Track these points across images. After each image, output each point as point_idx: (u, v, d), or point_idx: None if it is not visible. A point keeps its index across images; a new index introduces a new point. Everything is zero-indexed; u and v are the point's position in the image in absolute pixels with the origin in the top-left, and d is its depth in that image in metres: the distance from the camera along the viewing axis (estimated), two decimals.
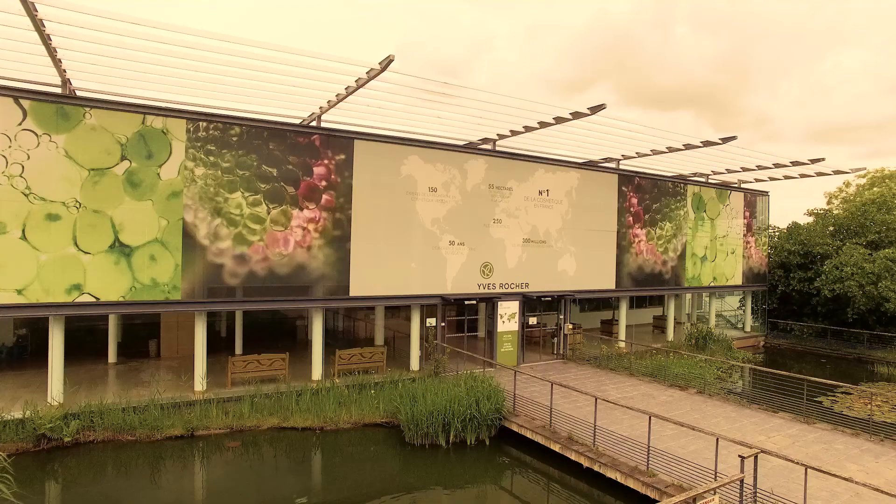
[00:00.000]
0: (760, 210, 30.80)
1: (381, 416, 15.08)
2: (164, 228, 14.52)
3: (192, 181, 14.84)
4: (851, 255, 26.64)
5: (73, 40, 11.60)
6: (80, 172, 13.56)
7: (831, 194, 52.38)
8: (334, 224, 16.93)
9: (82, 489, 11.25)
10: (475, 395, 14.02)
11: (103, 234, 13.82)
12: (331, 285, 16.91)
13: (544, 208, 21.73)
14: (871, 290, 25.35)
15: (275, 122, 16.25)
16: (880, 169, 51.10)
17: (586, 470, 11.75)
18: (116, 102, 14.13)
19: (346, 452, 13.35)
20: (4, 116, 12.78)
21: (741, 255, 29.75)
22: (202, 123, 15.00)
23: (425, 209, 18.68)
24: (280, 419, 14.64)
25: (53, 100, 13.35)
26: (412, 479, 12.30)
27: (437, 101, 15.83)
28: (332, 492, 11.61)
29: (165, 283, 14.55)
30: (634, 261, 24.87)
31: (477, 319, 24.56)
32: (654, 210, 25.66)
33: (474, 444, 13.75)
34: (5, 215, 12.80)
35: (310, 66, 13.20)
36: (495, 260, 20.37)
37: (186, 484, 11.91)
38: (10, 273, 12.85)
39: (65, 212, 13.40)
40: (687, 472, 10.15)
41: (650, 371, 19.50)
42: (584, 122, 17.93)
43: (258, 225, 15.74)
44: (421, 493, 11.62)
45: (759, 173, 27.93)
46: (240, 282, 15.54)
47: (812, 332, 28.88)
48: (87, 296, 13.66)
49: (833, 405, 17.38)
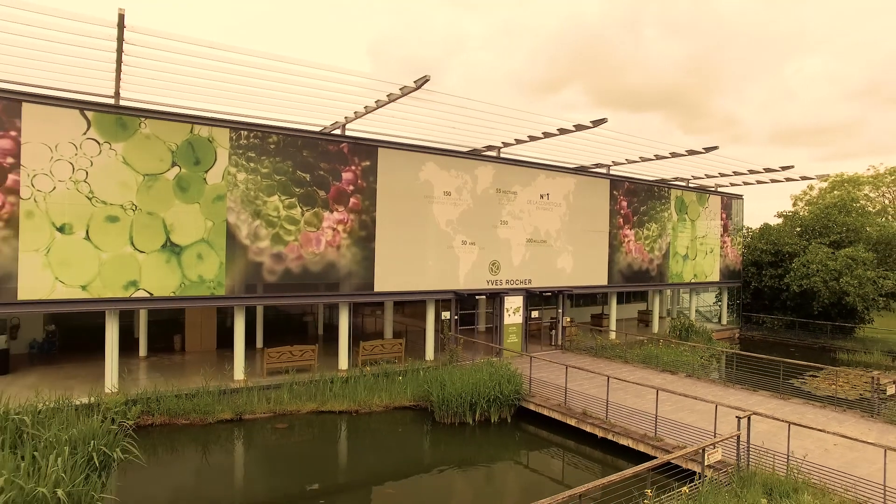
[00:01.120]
0: (735, 212, 33.34)
1: (409, 399, 16.61)
2: (210, 229, 15.75)
3: (235, 185, 16.10)
4: (816, 254, 29.29)
5: (137, 58, 12.77)
6: (136, 177, 14.70)
7: (797, 197, 55.99)
8: (360, 225, 18.37)
9: (173, 463, 12.39)
10: (497, 379, 15.70)
11: (156, 235, 14.98)
12: (357, 282, 18.34)
13: (545, 211, 23.55)
14: (834, 286, 28.01)
15: (308, 131, 17.58)
16: (840, 173, 54.89)
17: (601, 440, 13.54)
18: (168, 113, 15.29)
19: (383, 431, 14.86)
20: (71, 127, 13.85)
21: (718, 253, 32.20)
22: (243, 132, 16.26)
23: (440, 211, 20.26)
24: (318, 404, 16.02)
25: (114, 111, 14.45)
26: (447, 451, 13.89)
27: (453, 112, 17.36)
28: (382, 463, 13.10)
29: (211, 280, 15.78)
30: (624, 259, 26.94)
31: (476, 314, 26.22)
32: (642, 212, 27.78)
33: (497, 421, 15.44)
34: (71, 217, 13.87)
35: (345, 80, 14.54)
36: (502, 258, 22.09)
37: (252, 458, 13.21)
38: (75, 270, 13.93)
39: (123, 214, 14.53)
40: (688, 437, 12.01)
41: (642, 358, 21.50)
42: (581, 131, 19.75)
43: (293, 226, 17.07)
44: (457, 462, 13.22)
45: (735, 178, 30.36)
46: (276, 278, 16.85)
47: (782, 325, 31.54)
48: (142, 291, 14.82)
49: (803, 385, 19.66)
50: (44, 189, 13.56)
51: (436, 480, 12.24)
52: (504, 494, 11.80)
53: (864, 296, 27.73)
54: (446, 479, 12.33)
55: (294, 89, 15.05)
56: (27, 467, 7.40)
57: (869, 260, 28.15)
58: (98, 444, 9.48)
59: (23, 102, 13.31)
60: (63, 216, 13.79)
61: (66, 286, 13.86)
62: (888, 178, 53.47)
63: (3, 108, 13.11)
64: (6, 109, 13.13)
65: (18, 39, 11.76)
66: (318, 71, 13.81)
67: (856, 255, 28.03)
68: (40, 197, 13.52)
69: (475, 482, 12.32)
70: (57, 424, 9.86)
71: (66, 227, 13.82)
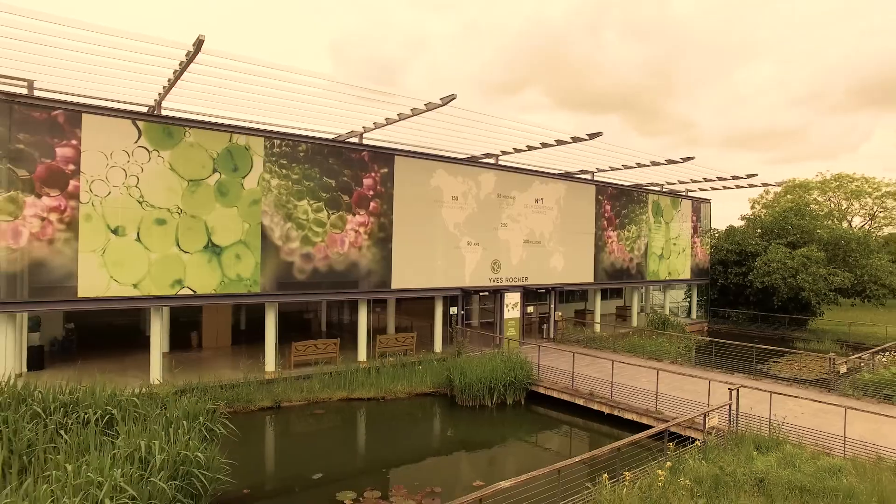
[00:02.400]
0: (704, 215, 36.28)
1: (428, 387, 18.22)
2: (247, 231, 16.95)
3: (269, 190, 17.34)
4: (776, 254, 32.41)
5: (197, 74, 13.94)
6: (181, 183, 15.79)
7: (755, 200, 60.17)
8: (379, 227, 19.85)
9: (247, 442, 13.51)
10: (510, 366, 17.51)
11: (199, 236, 16.10)
12: (376, 280, 19.82)
13: (539, 214, 25.54)
14: (792, 282, 31.14)
15: (333, 140, 18.95)
16: (792, 179, 59.43)
17: (607, 416, 15.53)
18: (209, 123, 16.41)
19: (412, 414, 16.45)
20: (124, 136, 14.85)
21: (689, 253, 35.02)
22: (276, 141, 17.52)
23: (449, 215, 21.93)
24: (347, 392, 17.44)
25: (161, 121, 15.51)
26: (473, 429, 15.60)
27: (457, 122, 18.90)
28: (422, 439, 14.70)
29: (247, 279, 16.99)
30: (608, 258, 29.25)
31: (469, 310, 27.99)
32: (623, 215, 30.18)
33: (512, 404, 17.26)
34: (124, 220, 14.88)
35: (369, 95, 15.99)
36: (502, 258, 23.94)
37: (308, 438, 14.52)
38: (128, 270, 14.94)
39: (169, 217, 15.60)
40: (684, 409, 14.09)
41: (629, 348, 23.73)
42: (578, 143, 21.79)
43: (320, 228, 18.42)
44: (484, 438, 14.96)
45: (704, 184, 33.19)
46: (306, 277, 18.17)
47: (746, 318, 34.64)
48: (186, 289, 15.92)
49: (769, 369, 22.30)
50: (100, 194, 14.53)
51: (470, 452, 13.97)
52: (535, 459, 13.61)
53: (817, 291, 30.96)
54: (478, 452, 14.07)
55: (322, 101, 16.37)
56: (161, 437, 8.66)
57: (821, 259, 31.43)
58: (204, 420, 10.76)
59: (83, 113, 14.25)
60: (117, 219, 14.78)
61: (120, 284, 14.86)
62: (833, 183, 58.24)
63: (66, 118, 14.03)
64: (68, 120, 14.06)
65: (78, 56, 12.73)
66: (344, 86, 15.23)
67: (810, 255, 31.24)
68: (97, 201, 14.49)
69: (504, 453, 14.11)
70: (152, 406, 11.05)
71: (119, 229, 14.82)
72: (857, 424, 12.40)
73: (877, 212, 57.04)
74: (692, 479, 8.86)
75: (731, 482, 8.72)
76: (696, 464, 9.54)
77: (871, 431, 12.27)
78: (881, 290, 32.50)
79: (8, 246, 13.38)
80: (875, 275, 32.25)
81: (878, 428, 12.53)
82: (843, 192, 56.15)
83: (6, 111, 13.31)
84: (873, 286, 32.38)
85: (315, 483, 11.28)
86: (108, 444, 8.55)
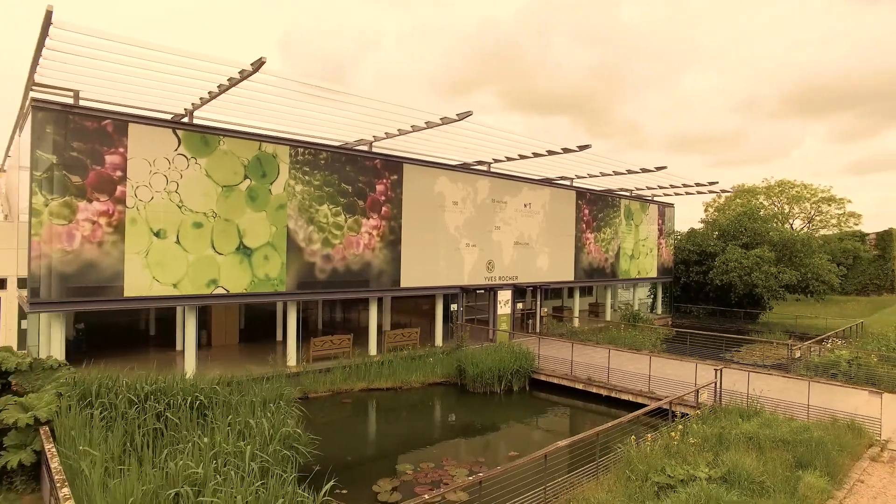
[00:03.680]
0: (669, 218, 39.45)
1: (439, 377, 19.86)
2: (274, 234, 18.08)
3: (293, 196, 18.52)
4: (733, 254, 35.80)
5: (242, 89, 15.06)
6: (216, 189, 16.80)
7: (708, 203, 64.75)
8: (390, 230, 21.31)
9: None
10: (515, 356, 19.39)
11: (232, 239, 17.14)
12: (387, 279, 21.27)
13: (528, 218, 27.60)
14: (747, 279, 34.56)
15: (349, 148, 20.29)
16: (740, 184, 64.38)
17: (605, 398, 17.64)
18: (241, 132, 17.46)
19: (429, 401, 18.07)
20: (165, 144, 15.75)
21: (656, 254, 38.06)
22: (300, 149, 18.72)
23: (450, 218, 23.61)
24: (367, 383, 18.84)
25: (199, 130, 16.47)
26: (486, 412, 17.36)
27: (459, 133, 20.50)
28: (442, 420, 16.32)
29: (275, 278, 18.12)
30: (586, 259, 31.68)
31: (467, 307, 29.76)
32: (599, 219, 32.70)
33: (517, 390, 19.15)
34: (165, 224, 15.78)
35: (387, 108, 17.39)
36: (496, 258, 25.83)
37: (342, 425, 15.81)
38: (169, 270, 15.85)
39: (205, 220, 16.58)
40: (672, 390, 16.34)
41: (608, 340, 26.09)
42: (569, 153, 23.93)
43: (339, 231, 19.72)
44: (499, 419, 16.75)
45: (669, 189, 36.23)
46: (325, 276, 19.43)
47: (706, 313, 37.98)
48: (220, 289, 16.93)
49: (732, 357, 25.17)
50: (144, 199, 15.40)
51: (496, 431, 15.75)
52: (555, 434, 15.51)
53: (769, 287, 34.51)
54: (502, 429, 15.88)
55: (344, 113, 17.69)
56: (259, 416, 9.95)
57: (771, 259, 35.01)
58: (287, 404, 12.08)
59: (129, 123, 15.09)
60: (158, 222, 15.68)
61: (161, 284, 15.76)
62: (777, 189, 63.55)
63: (115, 127, 14.84)
64: (116, 129, 14.87)
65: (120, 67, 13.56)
66: (367, 99, 16.63)
67: (762, 255, 34.75)
68: (141, 206, 15.35)
69: (527, 429, 16.01)
70: (232, 392, 12.27)
71: (161, 232, 15.71)
72: (814, 396, 14.93)
73: (814, 215, 62.70)
74: (699, 439, 10.94)
75: (730, 439, 10.86)
76: (698, 428, 11.65)
77: (826, 401, 14.81)
78: (822, 286, 36.49)
79: (63, 248, 14.11)
80: (817, 273, 36.17)
81: (830, 398, 15.12)
82: (786, 197, 61.40)
83: (63, 121, 14.04)
84: (815, 283, 36.30)
85: (370, 459, 12.76)
86: (213, 422, 9.78)
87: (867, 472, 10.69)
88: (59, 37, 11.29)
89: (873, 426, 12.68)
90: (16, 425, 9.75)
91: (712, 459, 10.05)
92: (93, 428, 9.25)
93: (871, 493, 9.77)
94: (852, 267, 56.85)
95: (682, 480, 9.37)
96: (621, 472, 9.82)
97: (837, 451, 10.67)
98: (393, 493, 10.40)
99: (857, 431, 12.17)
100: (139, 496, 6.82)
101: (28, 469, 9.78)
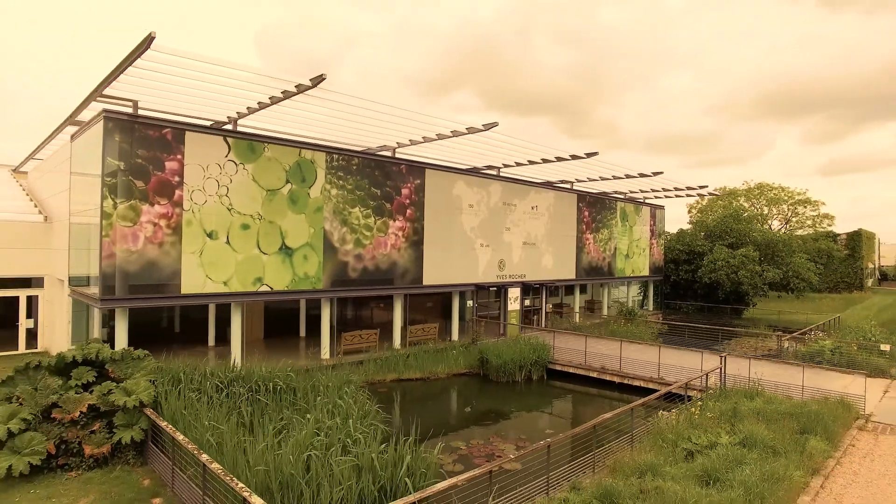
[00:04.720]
0: (659, 219, 41.56)
1: (462, 368, 21.34)
2: (312, 235, 19.33)
3: (329, 199, 19.79)
4: (720, 253, 38.06)
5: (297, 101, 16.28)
6: (261, 192, 17.98)
7: (691, 205, 67.43)
8: (413, 231, 22.70)
9: None
10: (533, 348, 20.98)
11: (275, 239, 18.34)
12: (411, 277, 22.65)
13: (535, 219, 29.25)
14: (734, 278, 36.83)
15: (379, 154, 21.62)
16: (723, 186, 67.15)
17: (618, 385, 19.34)
18: (284, 139, 18.67)
19: (456, 389, 19.54)
20: (217, 150, 16.90)
21: (648, 253, 40.13)
22: (335, 155, 19.99)
23: (466, 220, 25.10)
24: (397, 374, 20.22)
25: (246, 137, 17.64)
26: (511, 398, 18.91)
27: (474, 139, 21.97)
28: (477, 406, 17.76)
29: (313, 277, 19.37)
30: (586, 258, 33.49)
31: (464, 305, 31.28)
32: (598, 220, 34.55)
33: (536, 379, 20.75)
34: (217, 225, 16.93)
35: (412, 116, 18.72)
36: (507, 257, 27.40)
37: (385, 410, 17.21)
38: (220, 269, 17.00)
39: (252, 222, 17.76)
40: (680, 376, 18.10)
41: (611, 333, 27.90)
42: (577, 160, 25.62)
43: (369, 232, 21.05)
44: (523, 405, 18.31)
45: (660, 192, 38.30)
46: (357, 275, 20.74)
47: (695, 309, 40.20)
48: (265, 286, 18.12)
49: (724, 348, 27.18)
50: (198, 202, 16.53)
51: (528, 413, 17.29)
52: (580, 414, 17.15)
53: (753, 285, 36.82)
54: (533, 413, 17.43)
55: (374, 121, 18.90)
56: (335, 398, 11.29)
57: (755, 258, 37.34)
58: (353, 390, 13.40)
59: (186, 131, 16.21)
60: (211, 224, 16.82)
61: (213, 282, 16.91)
62: (756, 191, 66.59)
63: (173, 136, 15.95)
64: (175, 137, 15.99)
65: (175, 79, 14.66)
66: (398, 109, 17.96)
67: (748, 254, 37.06)
68: (196, 209, 16.48)
69: (555, 412, 17.56)
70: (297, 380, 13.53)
71: (213, 233, 16.86)
72: (805, 379, 16.83)
73: (790, 216, 65.88)
74: (716, 413, 12.65)
75: (743, 413, 12.59)
76: (713, 405, 13.37)
77: (816, 383, 16.73)
78: (802, 283, 39.01)
79: (128, 248, 15.19)
80: (797, 271, 38.66)
81: (819, 381, 17.05)
82: (765, 199, 64.42)
83: (129, 129, 15.12)
84: (796, 280, 38.80)
85: (423, 438, 14.12)
86: (302, 403, 11.08)
87: (856, 439, 12.55)
88: (152, 57, 12.39)
89: (859, 402, 14.59)
90: (124, 407, 10.95)
91: (730, 429, 11.75)
92: (198, 409, 10.47)
93: (860, 453, 11.60)
94: (826, 265, 60.09)
95: (706, 446, 11.04)
96: (654, 441, 11.45)
97: (832, 421, 12.49)
98: (455, 465, 11.85)
99: (846, 407, 14.04)
100: (277, 458, 8.12)
101: (132, 446, 10.99)
